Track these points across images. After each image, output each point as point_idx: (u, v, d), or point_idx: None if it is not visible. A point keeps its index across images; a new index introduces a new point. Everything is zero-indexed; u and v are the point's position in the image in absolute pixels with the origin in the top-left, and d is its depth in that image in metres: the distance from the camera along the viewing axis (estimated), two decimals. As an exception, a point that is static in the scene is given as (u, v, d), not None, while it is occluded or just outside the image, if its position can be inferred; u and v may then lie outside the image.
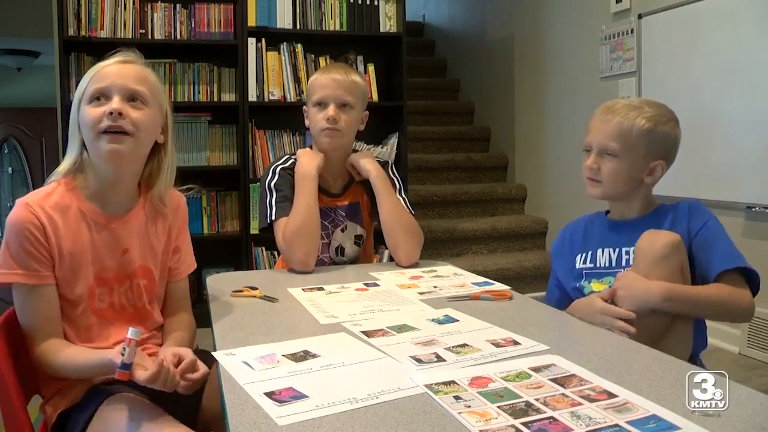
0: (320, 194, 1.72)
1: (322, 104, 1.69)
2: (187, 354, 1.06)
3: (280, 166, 1.74)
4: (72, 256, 1.17)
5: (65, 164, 1.22)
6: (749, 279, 1.25)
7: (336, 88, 1.67)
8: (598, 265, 1.38)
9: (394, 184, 1.76)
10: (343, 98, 1.68)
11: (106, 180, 1.21)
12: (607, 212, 1.46)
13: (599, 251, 1.39)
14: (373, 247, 1.91)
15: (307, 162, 1.69)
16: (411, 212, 1.74)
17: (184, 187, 1.39)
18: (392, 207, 1.69)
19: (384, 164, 1.78)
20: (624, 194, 1.36)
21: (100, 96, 1.17)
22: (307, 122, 1.76)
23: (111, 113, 1.14)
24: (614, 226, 1.39)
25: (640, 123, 1.30)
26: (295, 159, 1.74)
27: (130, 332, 1.00)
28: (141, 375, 1.00)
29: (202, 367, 1.06)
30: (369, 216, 1.82)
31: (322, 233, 1.72)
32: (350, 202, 1.79)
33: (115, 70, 1.19)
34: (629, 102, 1.35)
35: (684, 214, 1.31)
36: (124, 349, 0.99)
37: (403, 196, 1.76)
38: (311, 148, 1.79)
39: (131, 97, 1.18)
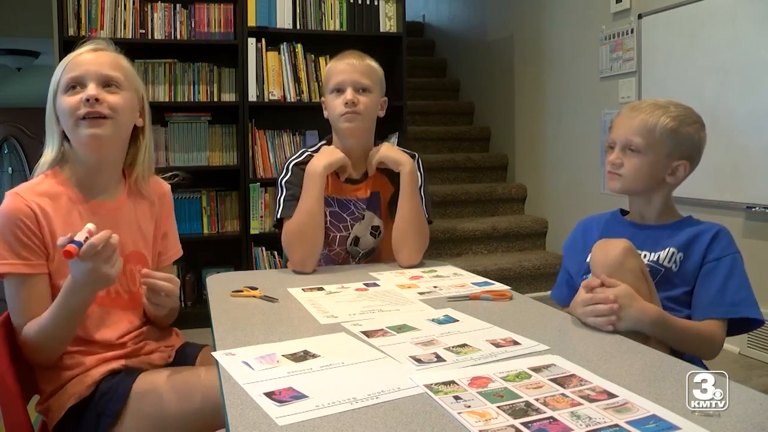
0: (339, 183, 1.70)
1: (339, 90, 1.65)
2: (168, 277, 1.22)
3: (294, 162, 1.70)
4: None
5: (48, 157, 1.24)
6: (747, 320, 1.25)
7: (352, 72, 1.64)
8: None
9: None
10: (361, 82, 1.64)
11: (90, 166, 1.24)
12: (624, 213, 1.44)
13: None
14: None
15: (320, 159, 1.64)
16: (427, 214, 1.71)
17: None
18: (411, 210, 1.66)
19: (412, 157, 1.72)
20: (644, 191, 1.36)
21: (75, 84, 1.19)
22: (326, 113, 1.71)
23: (88, 99, 1.17)
24: (633, 228, 1.38)
25: (664, 122, 1.30)
26: (311, 154, 1.69)
27: (89, 225, 1.07)
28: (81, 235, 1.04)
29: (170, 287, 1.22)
30: (387, 208, 1.75)
31: (339, 226, 1.71)
32: (371, 191, 1.74)
33: (88, 59, 1.22)
34: (655, 101, 1.35)
35: (707, 237, 1.29)
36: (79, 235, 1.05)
37: (422, 194, 1.71)
38: (329, 143, 1.74)
39: (106, 83, 1.21)
